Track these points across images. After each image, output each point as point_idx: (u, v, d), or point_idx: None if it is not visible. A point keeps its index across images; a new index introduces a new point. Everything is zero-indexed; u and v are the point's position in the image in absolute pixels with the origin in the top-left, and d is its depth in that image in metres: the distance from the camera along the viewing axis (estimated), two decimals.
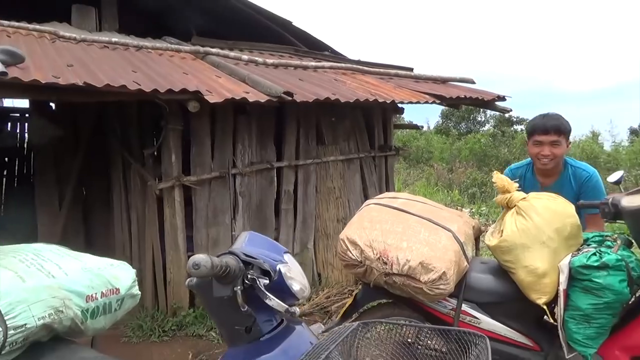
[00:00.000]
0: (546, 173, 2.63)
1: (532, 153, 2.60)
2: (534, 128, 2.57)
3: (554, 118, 2.55)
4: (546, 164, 2.55)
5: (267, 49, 5.34)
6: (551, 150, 2.49)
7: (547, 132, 2.49)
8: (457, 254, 2.08)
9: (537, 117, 2.61)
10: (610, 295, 1.90)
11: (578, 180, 2.58)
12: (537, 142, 2.53)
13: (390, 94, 4.14)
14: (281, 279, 1.26)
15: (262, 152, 4.08)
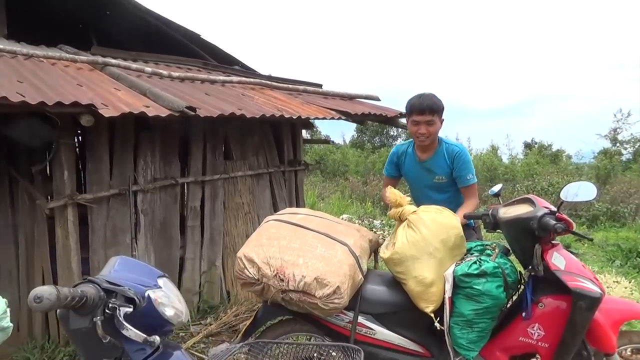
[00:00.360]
0: (424, 149, 2.83)
1: (411, 131, 2.78)
2: (411, 108, 2.72)
3: (429, 98, 2.71)
4: (423, 141, 2.75)
5: (175, 62, 5.20)
6: (427, 128, 2.68)
7: (423, 112, 2.66)
8: (352, 267, 2.13)
9: (414, 98, 2.75)
10: (489, 301, 2.05)
11: (450, 155, 2.80)
12: (414, 121, 2.71)
13: (298, 110, 4.20)
14: (151, 306, 1.21)
15: (166, 167, 3.94)
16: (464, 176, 2.80)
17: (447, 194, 2.86)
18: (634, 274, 5.84)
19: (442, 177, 2.82)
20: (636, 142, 24.53)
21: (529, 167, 19.16)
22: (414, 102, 2.72)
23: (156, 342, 1.14)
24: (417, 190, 2.99)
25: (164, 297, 1.25)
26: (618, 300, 2.43)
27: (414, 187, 3.02)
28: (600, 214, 10.73)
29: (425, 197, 2.87)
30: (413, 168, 2.90)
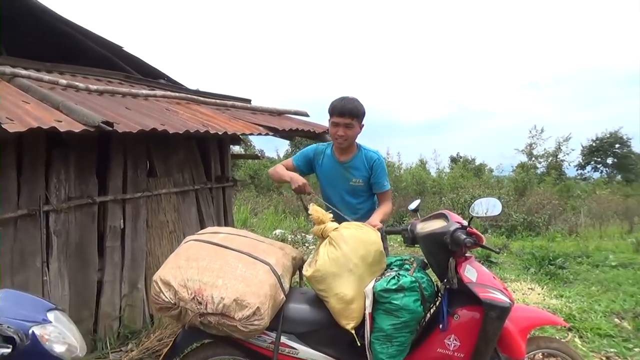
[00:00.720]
0: (342, 151, 2.89)
1: (331, 133, 2.83)
2: (333, 110, 2.77)
3: (351, 102, 2.77)
4: (341, 143, 2.81)
5: (94, 74, 4.95)
6: (345, 131, 2.74)
7: (343, 115, 2.72)
8: (274, 287, 2.11)
9: (337, 100, 2.79)
10: (407, 315, 2.11)
11: (369, 161, 2.89)
12: (334, 123, 2.76)
13: (224, 126, 4.14)
14: (36, 343, 1.11)
15: (83, 186, 3.72)
16: (382, 182, 2.92)
17: (361, 199, 2.95)
18: (546, 280, 6.25)
19: (360, 180, 2.89)
20: (549, 157, 26.58)
21: (454, 180, 20.11)
22: (336, 104, 2.76)
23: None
24: (331, 192, 2.99)
25: (54, 332, 1.16)
26: (526, 308, 2.59)
27: (328, 189, 3.02)
28: (518, 224, 11.45)
29: (339, 199, 2.94)
30: (332, 168, 2.94)
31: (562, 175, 25.05)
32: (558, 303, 5.09)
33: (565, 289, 5.81)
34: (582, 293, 5.57)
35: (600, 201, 14.82)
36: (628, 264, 7.26)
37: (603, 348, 3.84)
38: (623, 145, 30.16)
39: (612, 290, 5.69)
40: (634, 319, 4.47)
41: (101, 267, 3.85)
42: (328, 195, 3.03)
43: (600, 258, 7.70)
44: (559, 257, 7.17)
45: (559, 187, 20.07)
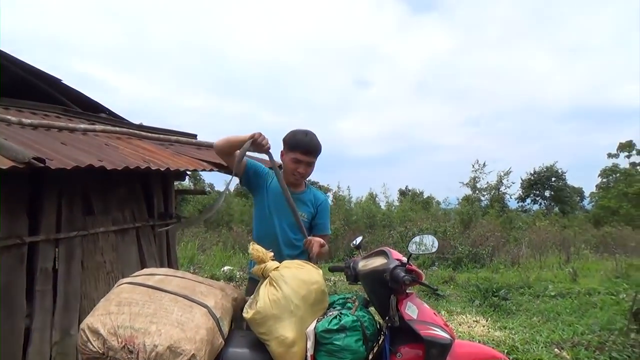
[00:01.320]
0: (294, 185, 2.81)
1: (290, 168, 2.71)
2: (297, 145, 2.65)
3: (316, 139, 2.70)
4: (298, 180, 2.78)
5: (29, 107, 4.75)
6: (306, 169, 2.71)
7: (309, 154, 2.67)
8: (211, 331, 2.02)
9: (301, 134, 2.68)
10: (349, 356, 2.07)
11: (317, 200, 2.88)
12: (296, 160, 2.66)
13: (167, 161, 4.04)
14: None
15: (11, 224, 3.49)
16: (326, 224, 2.90)
17: (300, 235, 2.76)
18: (491, 312, 6.41)
19: (305, 215, 2.81)
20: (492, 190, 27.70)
21: (404, 213, 20.54)
22: (301, 139, 2.66)
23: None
24: (273, 220, 2.76)
25: None
26: (467, 343, 2.61)
27: (273, 215, 2.77)
28: (464, 256, 11.74)
29: (280, 230, 2.76)
30: (280, 195, 2.69)
31: (504, 208, 26.13)
32: (502, 335, 5.21)
33: (508, 320, 5.97)
34: (524, 324, 5.74)
35: (539, 232, 15.52)
36: (566, 293, 7.58)
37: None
38: (558, 178, 32.01)
39: (551, 320, 5.90)
40: (572, 348, 4.63)
41: (29, 313, 3.57)
42: (269, 222, 2.78)
43: (540, 288, 8.00)
44: (502, 289, 7.38)
45: (502, 219, 20.89)
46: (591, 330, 5.13)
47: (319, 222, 2.87)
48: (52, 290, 3.73)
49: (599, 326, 5.20)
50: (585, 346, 4.61)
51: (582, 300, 6.97)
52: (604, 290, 7.55)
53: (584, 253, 13.60)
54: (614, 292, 7.28)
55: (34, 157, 2.94)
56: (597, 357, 4.33)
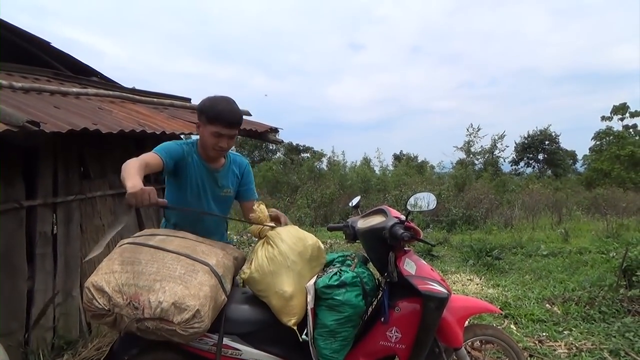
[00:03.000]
0: (214, 159, 2.51)
1: (210, 142, 2.36)
2: (218, 117, 2.30)
3: (239, 111, 2.40)
4: (219, 155, 2.49)
5: (20, 71, 4.66)
6: (228, 142, 2.39)
7: (232, 126, 2.35)
8: (214, 288, 2.06)
9: (222, 104, 2.34)
10: (349, 310, 2.13)
11: (240, 166, 2.67)
12: (217, 133, 2.32)
13: (162, 125, 4.01)
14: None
15: (8, 189, 3.49)
16: (252, 188, 2.72)
17: (226, 209, 2.68)
18: (484, 271, 6.55)
19: (230, 190, 2.60)
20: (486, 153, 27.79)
21: (398, 177, 20.64)
22: (223, 109, 2.31)
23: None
24: (197, 201, 2.49)
25: None
26: (462, 298, 2.68)
27: (195, 198, 2.49)
28: (458, 219, 11.90)
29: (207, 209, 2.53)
30: (203, 176, 2.48)
31: (498, 171, 26.29)
32: (495, 292, 5.34)
33: (501, 278, 6.11)
34: (517, 282, 5.88)
35: (532, 195, 15.69)
36: (557, 252, 7.74)
37: (536, 332, 4.07)
38: (552, 141, 32.10)
39: (543, 278, 6.04)
40: (563, 303, 4.77)
41: (30, 275, 3.62)
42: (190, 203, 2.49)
43: (532, 248, 8.16)
44: (495, 249, 7.52)
45: (496, 182, 21.06)
46: (582, 287, 5.27)
47: (247, 187, 2.68)
48: (52, 253, 3.77)
49: (589, 283, 5.33)
50: (575, 301, 4.75)
51: (573, 259, 7.12)
52: (594, 250, 7.71)
53: (576, 214, 13.81)
54: (605, 251, 7.43)
55: (28, 121, 2.90)
56: (587, 311, 4.47)
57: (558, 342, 3.85)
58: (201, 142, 2.43)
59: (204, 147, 2.42)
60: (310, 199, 15.55)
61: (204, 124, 2.37)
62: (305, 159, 24.94)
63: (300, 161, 24.25)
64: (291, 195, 17.03)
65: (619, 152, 27.50)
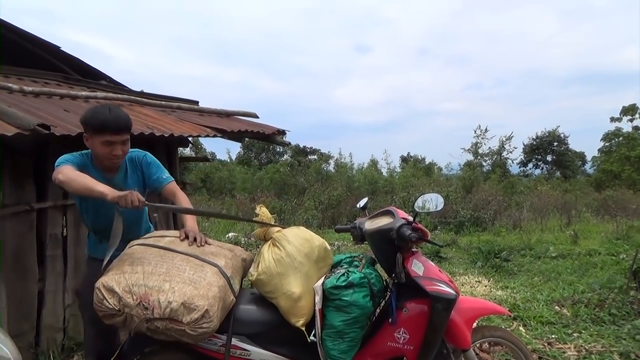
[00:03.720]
0: (110, 169, 2.40)
1: (103, 153, 2.26)
2: (103, 126, 2.20)
3: (123, 115, 2.30)
4: (117, 163, 2.37)
5: (30, 75, 4.72)
6: (122, 148, 2.29)
7: (120, 131, 2.25)
8: (223, 289, 2.07)
9: (103, 113, 2.24)
10: (357, 311, 2.13)
11: (138, 162, 2.52)
12: (108, 142, 2.23)
13: (170, 127, 4.04)
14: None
15: (19, 191, 3.53)
16: (161, 176, 2.54)
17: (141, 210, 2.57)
18: (492, 273, 6.51)
19: (135, 188, 2.36)
20: (494, 155, 27.69)
21: (406, 179, 20.59)
22: (106, 118, 2.21)
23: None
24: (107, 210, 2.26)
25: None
26: (470, 299, 2.67)
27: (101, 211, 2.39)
28: (466, 220, 11.84)
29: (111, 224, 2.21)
30: None
31: (506, 173, 26.18)
32: (503, 294, 5.32)
33: (510, 280, 6.07)
34: (526, 284, 5.84)
35: (541, 196, 15.57)
36: (567, 254, 7.67)
37: (545, 335, 4.04)
38: (561, 143, 31.90)
39: (552, 280, 5.99)
40: (572, 305, 4.73)
41: (42, 277, 3.66)
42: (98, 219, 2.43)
43: (541, 250, 8.10)
44: (503, 251, 7.47)
45: (504, 184, 20.97)
46: (591, 289, 5.22)
47: (154, 178, 2.52)
48: (63, 255, 3.81)
49: (599, 285, 5.28)
50: (585, 303, 4.70)
51: (582, 261, 7.06)
52: (604, 251, 7.64)
53: (585, 216, 13.69)
54: (614, 253, 7.36)
55: (39, 124, 2.95)
56: (596, 313, 4.43)
57: (567, 344, 3.82)
58: (94, 154, 2.32)
59: (99, 159, 2.32)
60: (318, 200, 15.56)
61: (90, 135, 2.26)
62: (313, 161, 24.97)
63: (308, 163, 24.28)
64: (298, 197, 17.05)
65: (629, 153, 27.22)
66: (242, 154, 31.46)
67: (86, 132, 2.27)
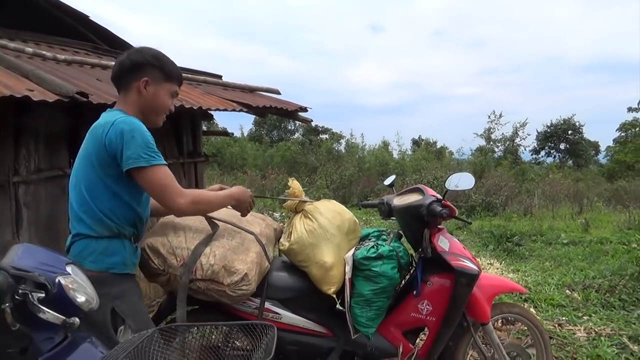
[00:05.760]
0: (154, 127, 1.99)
1: (165, 105, 1.93)
2: (175, 75, 1.91)
3: None
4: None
5: (59, 44, 4.79)
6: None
7: (181, 83, 2.01)
8: (259, 255, 2.18)
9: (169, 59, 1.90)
10: (385, 281, 2.24)
11: None
12: (175, 93, 1.96)
13: (198, 100, 4.11)
14: (62, 292, 1.17)
15: (53, 157, 3.64)
16: None
17: None
18: (504, 256, 6.60)
19: None
20: (506, 141, 27.48)
21: (417, 162, 20.59)
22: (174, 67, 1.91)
23: (76, 323, 1.10)
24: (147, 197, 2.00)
25: (74, 283, 1.21)
26: (491, 276, 2.77)
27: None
28: (477, 205, 11.89)
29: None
30: None
31: (517, 160, 26.02)
32: (515, 277, 5.41)
33: (521, 264, 6.16)
34: (537, 268, 5.93)
35: (552, 184, 15.54)
36: (578, 241, 7.73)
37: (556, 316, 4.14)
38: (575, 132, 31.55)
39: (563, 265, 6.07)
40: (583, 290, 4.82)
41: None
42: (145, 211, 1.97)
43: (553, 236, 8.16)
44: (515, 235, 7.55)
45: (515, 170, 20.88)
46: (602, 275, 5.30)
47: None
48: None
49: (610, 271, 5.35)
50: (595, 289, 4.79)
51: (594, 248, 7.12)
52: (615, 240, 7.68)
53: (597, 205, 13.67)
54: (626, 242, 7.40)
55: (78, 92, 3.04)
56: (607, 299, 4.52)
57: (577, 326, 3.92)
58: (146, 106, 1.89)
59: (154, 112, 1.91)
60: (330, 179, 15.66)
61: (158, 82, 1.85)
62: (324, 140, 24.98)
63: (319, 142, 24.30)
64: (310, 176, 17.15)
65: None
66: (254, 131, 31.47)
67: (151, 75, 1.83)
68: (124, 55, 1.91)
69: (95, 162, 1.75)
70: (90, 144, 1.83)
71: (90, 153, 1.79)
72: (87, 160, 1.80)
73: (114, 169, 1.74)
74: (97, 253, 1.72)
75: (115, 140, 1.71)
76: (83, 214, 1.75)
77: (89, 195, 1.74)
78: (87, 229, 1.73)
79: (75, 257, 1.67)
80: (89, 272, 1.52)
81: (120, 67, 1.88)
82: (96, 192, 1.75)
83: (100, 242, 1.73)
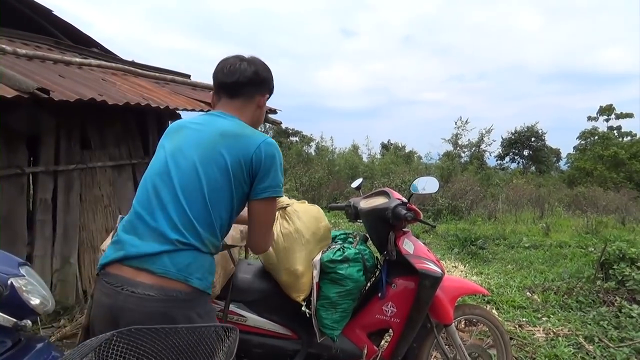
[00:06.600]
0: None
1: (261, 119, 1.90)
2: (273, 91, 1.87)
3: None
4: None
5: (21, 38, 4.64)
6: None
7: None
8: (224, 257, 2.16)
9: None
10: (351, 284, 2.24)
11: None
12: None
13: (165, 100, 4.06)
14: (14, 294, 1.13)
15: (10, 155, 3.52)
16: None
17: None
18: (468, 259, 6.75)
19: None
20: (472, 147, 28.13)
21: (386, 166, 20.82)
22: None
23: (28, 326, 1.06)
24: None
25: (28, 285, 1.17)
26: (454, 278, 2.83)
27: None
28: (443, 208, 12.12)
29: None
30: None
31: (483, 165, 26.67)
32: (478, 279, 5.54)
33: (484, 267, 6.31)
34: (499, 270, 6.08)
35: (516, 189, 16.00)
36: (539, 245, 7.98)
37: (516, 318, 4.26)
38: (538, 139, 32.54)
39: (525, 268, 6.26)
40: (543, 292, 4.98)
41: (30, 241, 3.68)
42: None
43: (515, 240, 8.39)
44: (479, 239, 7.73)
45: (480, 175, 21.39)
46: (561, 278, 5.49)
47: None
48: (52, 220, 3.82)
49: (568, 274, 5.55)
50: (554, 291, 4.96)
51: (553, 252, 7.36)
52: (574, 244, 7.97)
53: (557, 210, 14.14)
54: (584, 246, 7.69)
55: (38, 88, 2.94)
56: (565, 300, 4.68)
57: (537, 327, 4.04)
58: (258, 119, 1.85)
59: (258, 125, 1.90)
60: (299, 182, 15.64)
61: (267, 95, 1.81)
62: (294, 143, 24.96)
63: (289, 145, 24.27)
64: None
65: (603, 152, 28.06)
66: None
67: (263, 90, 1.78)
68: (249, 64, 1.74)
69: (232, 171, 1.57)
70: (224, 148, 1.59)
71: (226, 160, 1.57)
72: (221, 165, 1.57)
73: (245, 186, 1.61)
74: (203, 270, 1.53)
75: (265, 161, 1.60)
76: (198, 222, 1.52)
77: (211, 203, 1.54)
78: (198, 240, 1.51)
79: (180, 270, 1.46)
80: (192, 288, 1.44)
81: (249, 78, 1.72)
82: (220, 203, 1.57)
83: (207, 258, 1.57)
